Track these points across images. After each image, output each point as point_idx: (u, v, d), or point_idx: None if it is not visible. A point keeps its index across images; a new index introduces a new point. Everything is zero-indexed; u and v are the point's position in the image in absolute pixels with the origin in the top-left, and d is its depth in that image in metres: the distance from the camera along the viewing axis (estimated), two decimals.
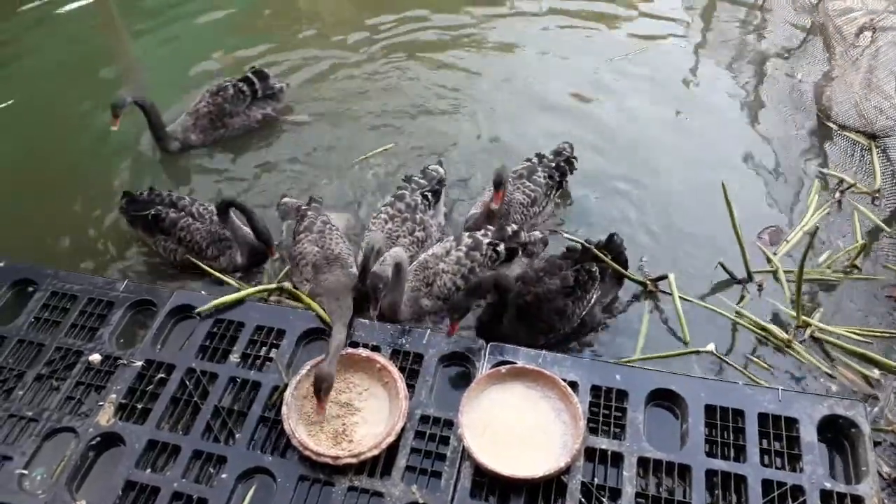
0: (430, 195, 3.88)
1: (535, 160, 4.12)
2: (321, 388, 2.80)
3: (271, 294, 3.58)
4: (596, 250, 3.48)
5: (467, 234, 3.61)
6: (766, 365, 3.35)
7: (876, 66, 4.82)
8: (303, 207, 3.90)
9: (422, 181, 3.94)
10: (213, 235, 3.82)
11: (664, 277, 3.66)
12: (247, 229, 3.83)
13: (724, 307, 3.59)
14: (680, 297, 3.58)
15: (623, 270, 3.58)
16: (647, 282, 3.68)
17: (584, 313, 3.39)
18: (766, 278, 3.78)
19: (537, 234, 3.81)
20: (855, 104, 4.72)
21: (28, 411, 2.98)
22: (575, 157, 4.21)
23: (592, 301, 3.41)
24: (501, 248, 3.56)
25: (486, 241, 3.55)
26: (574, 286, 3.32)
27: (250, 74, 4.80)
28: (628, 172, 4.51)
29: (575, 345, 3.49)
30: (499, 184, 3.64)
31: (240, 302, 3.36)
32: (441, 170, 4.11)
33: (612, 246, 3.56)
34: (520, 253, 3.66)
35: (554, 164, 4.07)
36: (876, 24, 5.03)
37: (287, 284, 3.60)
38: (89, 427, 2.90)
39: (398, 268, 3.22)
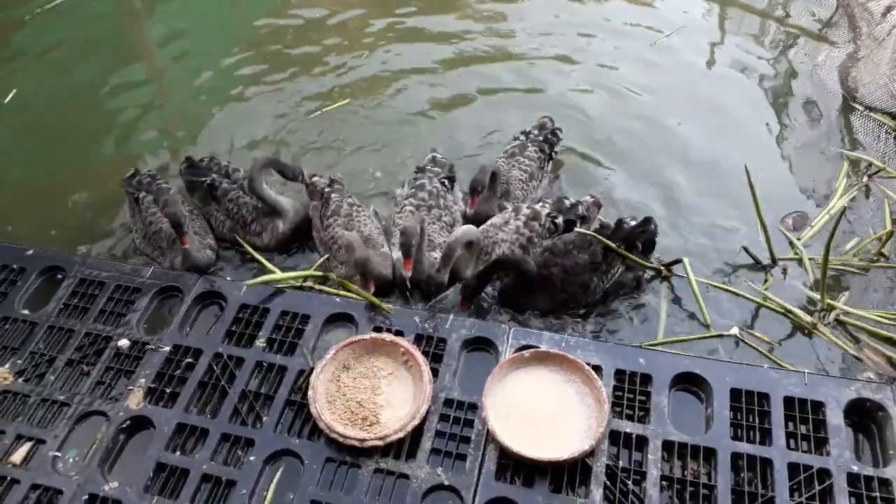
0: (446, 181, 3.92)
1: (522, 137, 4.22)
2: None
3: (307, 280, 3.59)
4: (607, 237, 3.48)
5: (526, 204, 3.68)
6: (776, 345, 3.33)
7: None
8: (325, 190, 3.92)
9: (435, 169, 3.98)
10: (259, 211, 3.83)
11: (678, 262, 3.64)
12: (283, 200, 3.89)
13: (746, 291, 3.56)
14: (699, 280, 3.55)
15: (630, 256, 3.52)
16: (661, 267, 3.67)
17: (606, 286, 3.42)
18: (791, 264, 3.74)
19: (589, 198, 3.85)
20: (882, 85, 4.64)
21: (60, 395, 3.04)
22: (559, 128, 4.29)
23: (616, 275, 3.45)
24: (560, 220, 3.59)
25: (545, 212, 3.57)
26: (601, 262, 3.34)
27: None
28: (649, 155, 4.48)
29: (596, 319, 3.50)
30: (474, 189, 3.71)
31: (280, 290, 3.40)
32: (442, 156, 4.17)
33: (648, 231, 3.54)
34: (578, 224, 3.66)
35: (542, 138, 4.17)
36: None
37: (334, 275, 3.58)
38: (119, 411, 2.95)
39: (470, 244, 3.33)
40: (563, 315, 3.44)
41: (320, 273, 3.60)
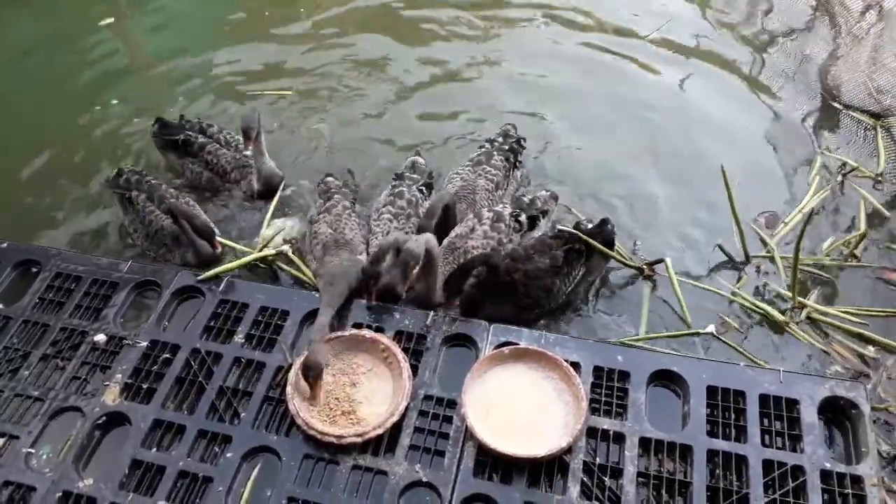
0: (424, 189, 3.90)
1: (487, 145, 4.15)
2: (309, 376, 2.82)
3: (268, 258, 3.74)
4: (584, 235, 3.44)
5: (486, 209, 3.66)
6: (744, 333, 3.39)
7: (881, 44, 4.78)
8: (332, 189, 3.91)
9: (414, 175, 3.95)
10: (237, 161, 4.16)
11: (660, 261, 3.66)
12: (268, 161, 4.15)
13: (721, 289, 3.58)
14: (678, 280, 3.58)
15: (613, 254, 3.54)
16: (644, 266, 3.68)
17: (569, 290, 3.40)
18: (764, 262, 3.77)
19: (545, 193, 3.87)
20: (861, 83, 4.68)
21: (34, 391, 3.01)
22: (523, 138, 4.24)
23: (578, 278, 3.43)
24: (523, 217, 3.60)
25: (508, 212, 3.58)
26: (562, 265, 3.34)
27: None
28: (624, 150, 4.50)
29: (566, 322, 3.50)
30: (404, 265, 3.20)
31: (259, 286, 3.41)
32: (423, 161, 4.14)
33: (604, 232, 3.52)
34: (541, 219, 3.70)
35: (507, 147, 4.11)
36: (882, 2, 4.98)
37: (286, 248, 3.74)
38: (95, 406, 2.92)
39: (429, 254, 3.22)
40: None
41: (273, 251, 3.73)
